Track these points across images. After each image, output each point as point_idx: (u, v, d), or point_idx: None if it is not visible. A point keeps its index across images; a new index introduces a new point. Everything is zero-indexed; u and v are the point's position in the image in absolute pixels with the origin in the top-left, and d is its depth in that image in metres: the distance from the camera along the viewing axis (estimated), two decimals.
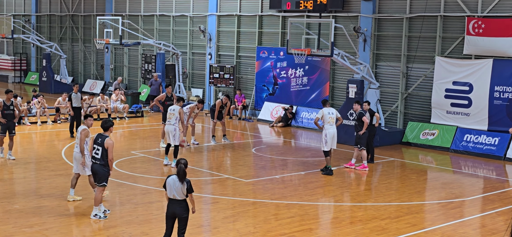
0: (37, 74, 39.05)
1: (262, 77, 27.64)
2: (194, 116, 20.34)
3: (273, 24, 27.40)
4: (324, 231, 11.72)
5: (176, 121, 16.90)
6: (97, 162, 11.88)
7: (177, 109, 17.06)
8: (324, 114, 16.78)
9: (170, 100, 19.82)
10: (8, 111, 17.09)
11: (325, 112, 16.80)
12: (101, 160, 11.81)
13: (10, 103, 17.16)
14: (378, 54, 23.81)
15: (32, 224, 11.52)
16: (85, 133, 12.73)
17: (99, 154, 11.80)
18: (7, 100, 17.17)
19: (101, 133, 11.96)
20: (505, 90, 20.29)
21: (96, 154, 11.87)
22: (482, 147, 20.28)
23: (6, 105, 17.09)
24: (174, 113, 16.98)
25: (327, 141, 16.63)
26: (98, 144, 11.84)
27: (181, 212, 9.57)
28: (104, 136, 11.86)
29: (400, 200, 14.33)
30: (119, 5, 34.75)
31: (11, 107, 17.14)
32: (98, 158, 11.86)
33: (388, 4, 23.38)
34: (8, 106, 17.10)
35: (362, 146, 17.30)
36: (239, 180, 15.78)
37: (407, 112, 23.06)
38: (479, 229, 12.55)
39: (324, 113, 16.79)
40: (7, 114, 17.06)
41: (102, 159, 11.79)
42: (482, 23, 20.59)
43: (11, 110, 17.14)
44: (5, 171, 15.88)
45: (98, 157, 11.84)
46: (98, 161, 11.86)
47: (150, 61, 31.19)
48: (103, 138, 11.82)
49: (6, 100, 17.17)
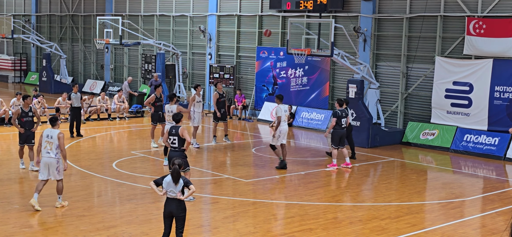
0: (37, 74, 39.05)
1: (262, 77, 27.64)
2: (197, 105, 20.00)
3: (273, 24, 27.40)
4: (324, 231, 11.72)
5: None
6: (176, 150, 12.95)
7: (174, 108, 17.00)
8: (282, 111, 16.90)
9: (159, 101, 19.60)
10: (27, 118, 15.39)
11: (282, 109, 16.95)
12: (179, 148, 12.94)
13: (28, 109, 15.44)
14: (378, 54, 23.81)
15: (32, 224, 11.52)
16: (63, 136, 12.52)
17: (177, 143, 12.93)
18: (25, 106, 15.46)
19: (173, 125, 13.13)
20: (505, 90, 20.29)
21: (173, 144, 12.97)
22: (482, 147, 20.28)
23: (25, 111, 15.39)
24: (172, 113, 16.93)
25: (280, 136, 16.80)
26: (173, 135, 12.93)
27: (178, 211, 9.59)
28: (177, 127, 12.99)
29: (400, 200, 14.33)
30: (119, 5, 34.76)
31: (30, 113, 15.44)
32: (176, 147, 12.98)
33: (388, 4, 23.38)
34: (26, 113, 15.38)
35: (332, 144, 17.50)
36: (239, 180, 15.78)
37: (407, 112, 23.06)
38: (479, 229, 12.55)
39: (282, 111, 16.91)
40: (25, 121, 15.35)
41: (179, 147, 12.93)
42: (482, 23, 20.59)
43: (30, 117, 15.44)
44: (4, 171, 15.88)
45: (176, 146, 12.97)
46: (177, 150, 12.95)
47: (150, 61, 31.20)
48: (176, 128, 12.95)
49: (24, 106, 15.48)
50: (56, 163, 12.38)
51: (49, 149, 12.38)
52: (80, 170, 16.17)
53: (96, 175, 15.68)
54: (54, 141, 12.35)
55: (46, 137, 12.45)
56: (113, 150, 19.74)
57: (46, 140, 12.44)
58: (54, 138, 12.37)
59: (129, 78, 30.93)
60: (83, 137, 21.22)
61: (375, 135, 21.37)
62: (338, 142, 17.42)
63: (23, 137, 15.47)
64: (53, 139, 12.37)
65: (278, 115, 16.83)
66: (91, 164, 16.97)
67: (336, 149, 17.45)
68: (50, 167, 12.41)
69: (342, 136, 17.53)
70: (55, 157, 12.37)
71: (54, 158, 12.37)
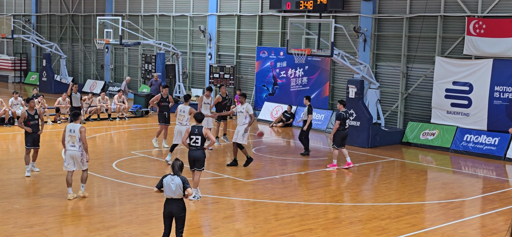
0: (37, 74, 39.05)
1: (262, 77, 27.64)
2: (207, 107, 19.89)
3: (273, 24, 27.41)
4: (324, 231, 11.72)
5: (187, 121, 16.85)
6: (198, 149, 13.28)
7: (187, 109, 17.03)
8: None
9: (165, 102, 19.55)
10: (33, 121, 15.07)
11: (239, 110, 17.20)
12: (200, 147, 13.29)
13: (34, 112, 15.15)
14: (378, 54, 23.81)
15: (32, 224, 11.52)
16: (85, 129, 13.30)
17: (199, 142, 13.25)
18: (30, 109, 15.15)
19: (195, 125, 13.45)
20: (505, 90, 20.29)
21: (195, 143, 13.27)
22: (482, 147, 20.28)
23: (30, 115, 15.09)
24: (184, 114, 16.94)
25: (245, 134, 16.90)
26: (196, 134, 13.24)
27: (178, 211, 9.58)
28: (200, 126, 13.33)
29: (400, 200, 14.33)
30: (119, 5, 34.76)
31: (35, 116, 15.14)
32: (198, 146, 13.28)
33: (388, 4, 23.38)
34: (32, 116, 15.09)
35: (334, 144, 17.41)
36: (239, 180, 15.78)
37: (407, 112, 23.06)
38: (479, 229, 12.55)
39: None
40: (32, 125, 15.08)
41: (201, 146, 13.30)
42: (482, 23, 20.59)
43: (36, 120, 15.14)
44: (4, 171, 15.88)
45: (198, 145, 13.27)
46: (199, 148, 13.28)
47: (150, 61, 31.20)
48: (199, 128, 13.29)
49: (30, 109, 15.16)
50: (80, 155, 13.22)
51: (72, 142, 13.21)
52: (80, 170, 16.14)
53: (96, 175, 15.67)
54: (76, 135, 13.15)
55: (69, 132, 13.23)
56: (113, 150, 19.74)
57: (69, 134, 13.23)
58: (76, 132, 13.16)
59: (127, 78, 30.89)
60: None
61: (375, 135, 21.38)
62: (340, 142, 17.39)
63: (30, 139, 15.08)
64: (75, 133, 13.17)
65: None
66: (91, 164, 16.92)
67: (337, 150, 17.43)
68: (75, 159, 13.27)
69: (344, 137, 17.50)
70: (78, 150, 13.20)
71: (78, 151, 13.20)
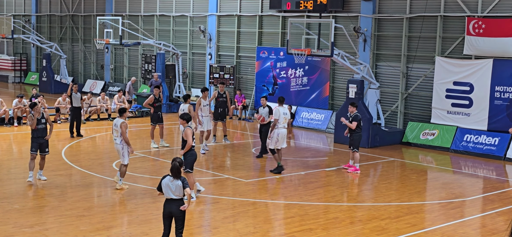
0: (37, 74, 39.05)
1: (262, 77, 27.63)
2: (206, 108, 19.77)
3: (273, 24, 27.41)
4: (324, 231, 11.72)
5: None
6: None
7: (186, 108, 17.15)
8: (280, 114, 16.48)
9: (158, 102, 19.61)
10: (40, 125, 14.56)
11: (281, 112, 16.51)
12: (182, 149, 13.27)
13: (41, 116, 14.56)
14: (378, 54, 23.81)
15: (32, 224, 11.52)
16: (125, 125, 14.13)
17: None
18: (37, 113, 14.56)
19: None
20: (505, 90, 20.28)
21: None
22: (482, 147, 20.28)
23: (37, 119, 14.56)
24: None
25: (278, 140, 16.46)
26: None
27: (178, 211, 9.58)
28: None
29: (400, 200, 14.33)
30: (119, 5, 34.76)
31: (42, 120, 14.61)
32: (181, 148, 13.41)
33: (388, 4, 23.38)
34: (39, 120, 14.55)
35: (354, 148, 17.12)
36: (239, 180, 15.77)
37: (407, 112, 23.06)
38: (479, 229, 12.55)
39: (280, 114, 16.48)
40: (39, 129, 14.56)
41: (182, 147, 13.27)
42: (482, 23, 20.58)
43: (43, 124, 14.61)
44: (4, 171, 15.88)
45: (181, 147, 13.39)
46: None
47: (150, 61, 31.19)
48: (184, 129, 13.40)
49: (36, 113, 14.59)
50: (121, 149, 14.09)
51: (115, 136, 14.18)
52: (80, 170, 16.17)
53: (96, 175, 15.68)
54: (118, 130, 14.01)
55: (114, 126, 14.20)
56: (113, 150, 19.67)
57: (114, 128, 14.22)
58: (118, 127, 14.03)
59: (133, 78, 30.34)
60: (83, 137, 21.21)
61: (375, 135, 21.38)
62: (359, 145, 17.24)
63: (36, 144, 14.54)
64: (117, 128, 14.03)
65: (275, 117, 16.49)
66: (91, 164, 16.97)
67: (358, 152, 17.24)
68: (118, 152, 14.22)
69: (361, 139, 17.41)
70: (120, 144, 14.07)
71: (119, 144, 14.09)
